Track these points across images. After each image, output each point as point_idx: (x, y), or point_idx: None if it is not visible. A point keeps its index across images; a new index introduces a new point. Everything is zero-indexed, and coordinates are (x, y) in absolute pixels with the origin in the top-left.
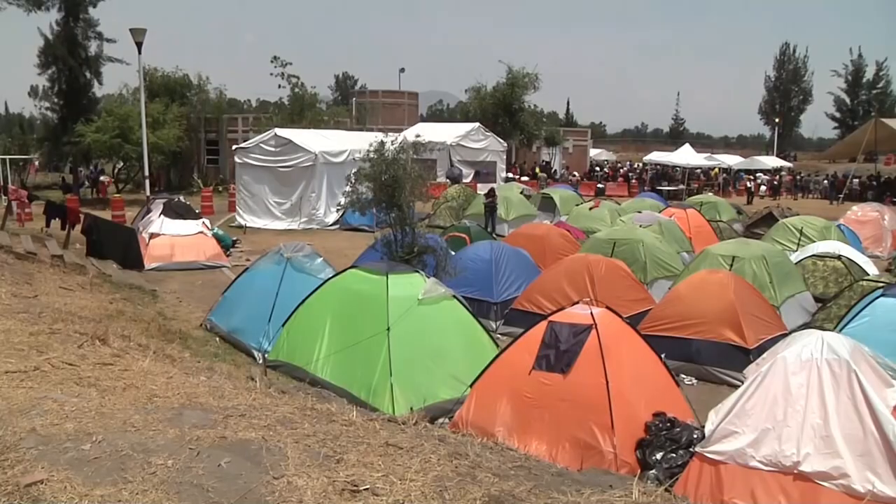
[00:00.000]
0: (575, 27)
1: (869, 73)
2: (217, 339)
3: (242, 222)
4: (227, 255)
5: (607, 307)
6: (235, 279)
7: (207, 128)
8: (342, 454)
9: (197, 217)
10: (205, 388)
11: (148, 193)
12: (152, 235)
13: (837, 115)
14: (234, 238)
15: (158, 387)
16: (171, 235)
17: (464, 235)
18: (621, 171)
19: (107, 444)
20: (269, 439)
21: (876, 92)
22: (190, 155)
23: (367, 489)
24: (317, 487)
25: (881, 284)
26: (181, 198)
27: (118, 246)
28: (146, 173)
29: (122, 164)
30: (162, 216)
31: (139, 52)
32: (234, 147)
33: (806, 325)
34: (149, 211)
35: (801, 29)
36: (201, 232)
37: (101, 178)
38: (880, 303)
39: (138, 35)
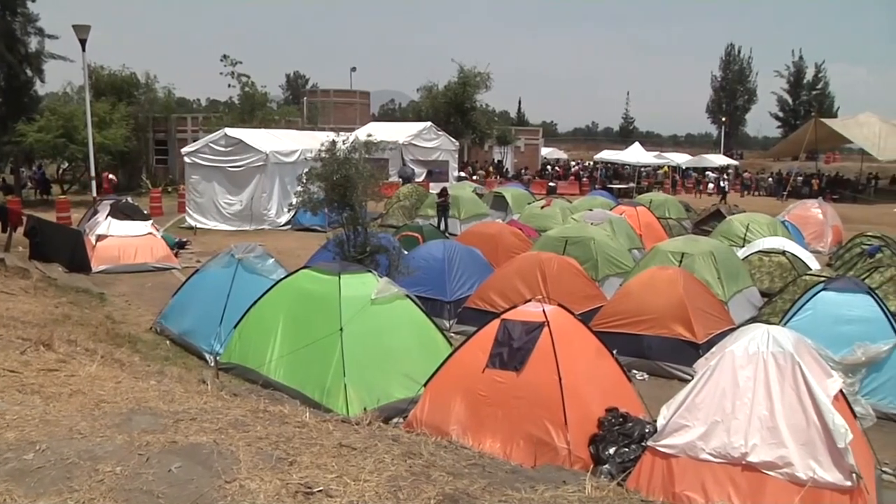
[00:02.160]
0: (526, 27)
1: (809, 75)
2: (168, 342)
3: (192, 223)
4: (177, 257)
5: (559, 304)
6: (186, 281)
7: (156, 127)
8: (295, 456)
9: (146, 218)
10: (155, 393)
11: (94, 194)
12: (99, 237)
13: (781, 114)
14: (184, 239)
15: (106, 392)
16: (120, 237)
17: (416, 235)
18: (572, 169)
19: (51, 452)
20: (220, 443)
21: (816, 93)
22: (138, 155)
23: (320, 491)
24: (270, 490)
25: (822, 279)
26: (129, 199)
27: (64, 248)
28: (92, 174)
29: (67, 164)
30: (109, 217)
31: (83, 50)
32: (182, 150)
33: (753, 320)
34: (96, 212)
35: (744, 30)
36: (150, 233)
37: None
38: (822, 296)
39: (82, 32)
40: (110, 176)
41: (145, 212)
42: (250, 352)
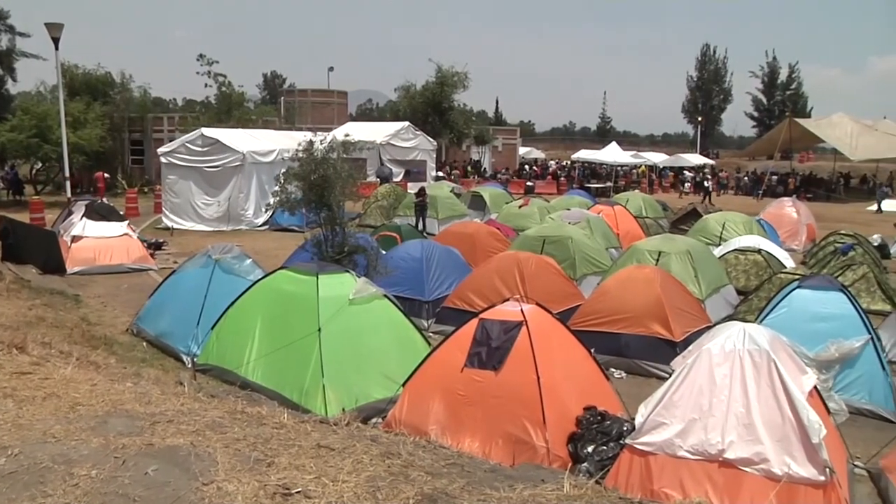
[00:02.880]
0: (503, 27)
1: (783, 75)
2: (144, 343)
3: (169, 224)
4: (153, 258)
5: (537, 304)
6: (162, 282)
7: (132, 127)
8: (273, 457)
9: (121, 219)
10: (131, 395)
11: (69, 195)
12: (74, 238)
13: (755, 114)
14: (161, 240)
15: (82, 395)
16: (95, 238)
17: (394, 234)
18: (550, 169)
19: (24, 456)
20: (197, 445)
21: (790, 93)
22: (113, 155)
23: (299, 492)
24: (248, 492)
25: (797, 276)
26: (104, 199)
27: (38, 250)
28: (67, 174)
29: (40, 164)
30: (84, 218)
31: (56, 48)
32: (158, 150)
33: (729, 318)
34: (70, 213)
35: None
36: (126, 234)
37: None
38: (797, 294)
39: (55, 30)
40: (105, 175)
41: (121, 212)
42: (228, 353)
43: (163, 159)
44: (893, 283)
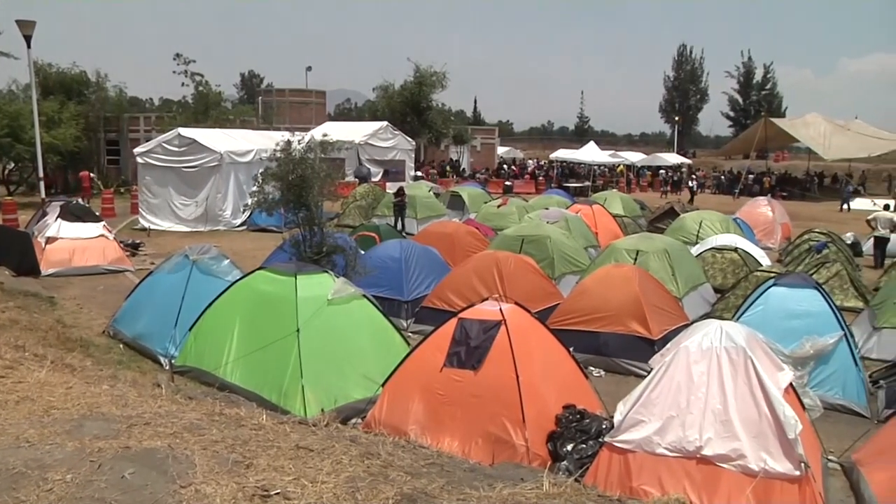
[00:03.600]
0: (482, 26)
1: (758, 76)
2: (121, 345)
3: (146, 225)
4: (131, 258)
5: (516, 303)
6: (139, 283)
7: (107, 127)
8: (252, 459)
9: (97, 220)
10: (107, 397)
11: (43, 196)
12: (49, 240)
13: (731, 113)
14: (138, 241)
15: (56, 398)
16: (70, 239)
17: (373, 234)
18: (529, 168)
19: None
20: (175, 447)
21: (765, 93)
22: (89, 155)
23: (278, 493)
24: (226, 494)
25: (773, 274)
26: (80, 200)
27: (11, 251)
28: (41, 174)
29: (13, 165)
30: (59, 219)
31: (28, 47)
32: (135, 150)
33: (706, 316)
34: (44, 214)
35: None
36: (102, 235)
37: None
38: (773, 292)
39: (26, 28)
40: (91, 175)
41: (97, 213)
42: (206, 354)
43: (139, 159)
44: (866, 281)
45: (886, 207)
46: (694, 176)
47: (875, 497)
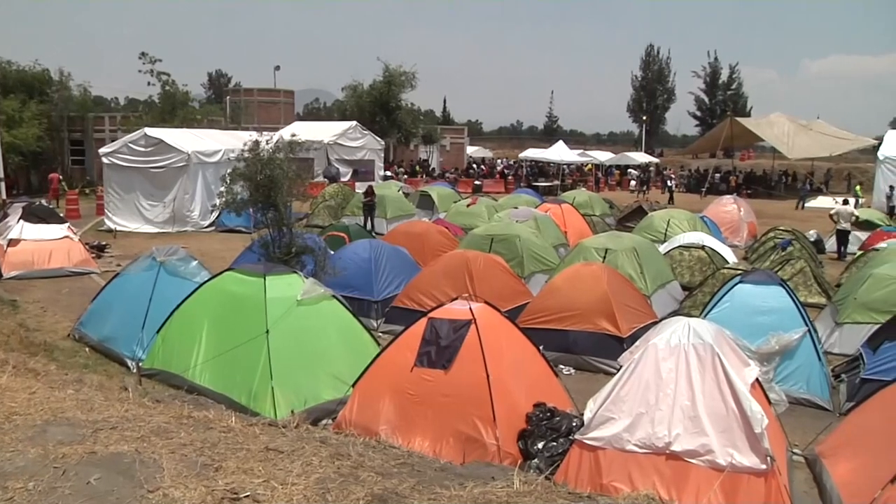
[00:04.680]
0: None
1: (724, 76)
2: (87, 349)
3: (112, 226)
4: (97, 260)
5: (486, 302)
6: (105, 285)
7: (71, 127)
8: (221, 462)
9: (61, 221)
10: (72, 402)
11: (4, 197)
12: (11, 242)
13: (698, 113)
14: (104, 243)
15: (19, 404)
16: (34, 241)
17: (342, 234)
18: (498, 167)
19: None
20: (142, 451)
21: (730, 93)
22: (52, 156)
23: (247, 496)
24: (195, 498)
25: (739, 272)
26: (43, 201)
27: None
28: (1, 175)
29: None
30: (21, 221)
31: None
32: (100, 150)
33: (675, 313)
34: (6, 216)
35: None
36: (67, 236)
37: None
38: (739, 289)
39: None
40: (59, 177)
41: (61, 214)
42: (174, 357)
43: (105, 160)
44: (828, 277)
45: (845, 202)
46: (672, 176)
47: (836, 487)
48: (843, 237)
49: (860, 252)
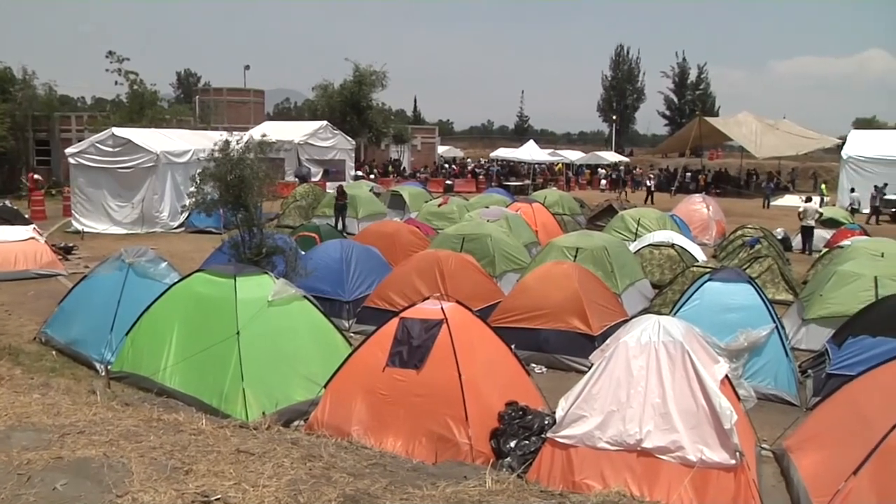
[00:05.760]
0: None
1: (692, 76)
2: (54, 352)
3: (79, 227)
4: (64, 261)
5: (458, 301)
6: (73, 288)
7: (36, 126)
8: (191, 465)
9: (26, 222)
10: (38, 406)
11: None
12: None
13: (667, 112)
14: (71, 244)
15: None
16: None
17: (313, 235)
18: (469, 167)
19: None
20: (111, 455)
21: (699, 92)
22: (17, 156)
23: (218, 499)
24: (165, 502)
25: (708, 270)
26: (7, 202)
27: None
28: None
29: None
30: None
31: None
32: (66, 150)
33: (645, 311)
34: None
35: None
36: (33, 238)
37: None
38: (708, 287)
39: None
40: (35, 176)
41: (26, 216)
42: (144, 359)
43: (71, 160)
44: (795, 275)
45: (808, 199)
46: (651, 176)
47: (802, 480)
48: (808, 233)
49: (825, 250)
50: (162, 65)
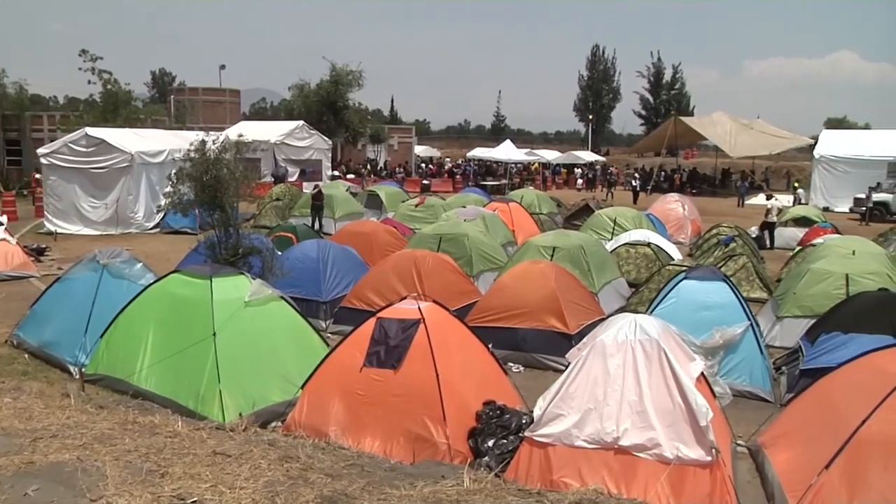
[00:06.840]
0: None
1: (668, 76)
2: (26, 355)
3: (52, 228)
4: (38, 263)
5: (435, 301)
6: (46, 290)
7: (7, 126)
8: (167, 468)
9: None
10: (10, 411)
11: None
12: None
13: (643, 112)
14: (43, 245)
15: None
16: None
17: (290, 235)
18: (446, 167)
19: None
20: (85, 459)
21: (674, 92)
22: None
23: (195, 501)
24: None
25: (684, 268)
26: None
27: None
28: None
29: None
30: None
31: None
32: (38, 151)
33: (622, 309)
34: None
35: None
36: (4, 239)
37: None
38: (684, 285)
39: None
40: (36, 176)
41: None
42: (119, 361)
43: (43, 160)
44: (769, 273)
45: (769, 197)
46: (636, 175)
47: (777, 476)
48: (769, 227)
49: (798, 248)
50: (136, 64)
